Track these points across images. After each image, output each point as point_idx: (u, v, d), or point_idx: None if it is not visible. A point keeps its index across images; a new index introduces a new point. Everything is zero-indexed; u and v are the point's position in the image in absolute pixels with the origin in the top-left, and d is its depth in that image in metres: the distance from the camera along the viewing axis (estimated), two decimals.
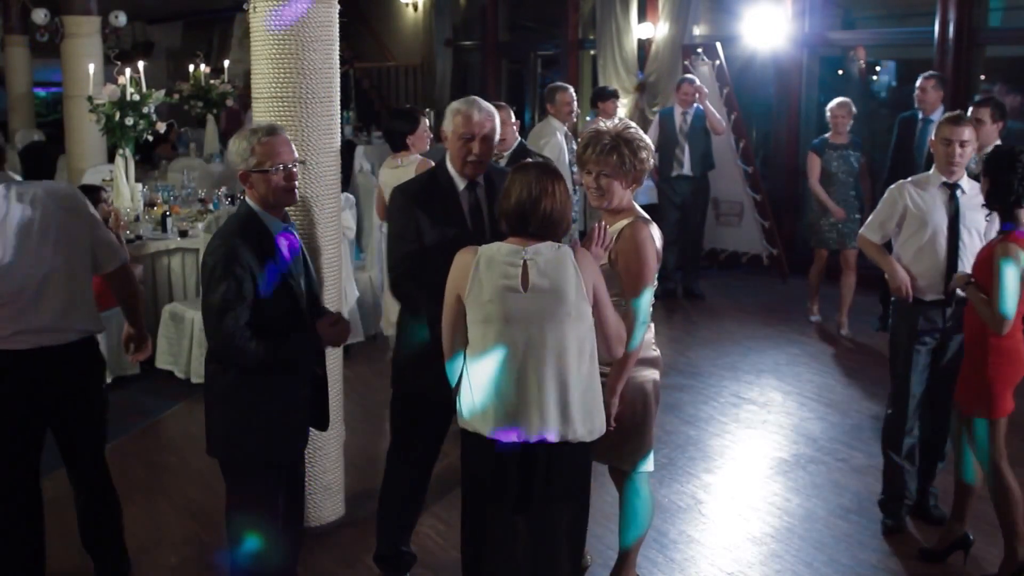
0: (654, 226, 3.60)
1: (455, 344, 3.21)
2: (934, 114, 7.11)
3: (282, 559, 3.59)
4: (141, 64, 7.58)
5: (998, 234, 3.96)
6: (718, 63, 9.53)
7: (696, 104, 8.63)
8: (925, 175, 4.50)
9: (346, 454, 4.71)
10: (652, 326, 3.66)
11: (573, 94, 7.45)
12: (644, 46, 10.92)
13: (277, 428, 3.42)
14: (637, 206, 3.64)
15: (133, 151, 7.53)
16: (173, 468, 5.30)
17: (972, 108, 5.60)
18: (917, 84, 7.26)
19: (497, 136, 3.73)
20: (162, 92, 7.88)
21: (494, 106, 3.78)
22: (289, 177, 3.36)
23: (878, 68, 10.58)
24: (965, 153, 4.31)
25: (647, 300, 3.53)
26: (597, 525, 3.79)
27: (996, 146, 4.22)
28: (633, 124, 3.61)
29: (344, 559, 4.33)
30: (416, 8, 15.44)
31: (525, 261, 3.06)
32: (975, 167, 4.66)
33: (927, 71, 7.37)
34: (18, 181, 3.72)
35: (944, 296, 4.35)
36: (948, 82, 7.70)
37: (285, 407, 3.42)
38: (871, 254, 4.58)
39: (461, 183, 3.71)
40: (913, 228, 4.39)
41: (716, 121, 8.69)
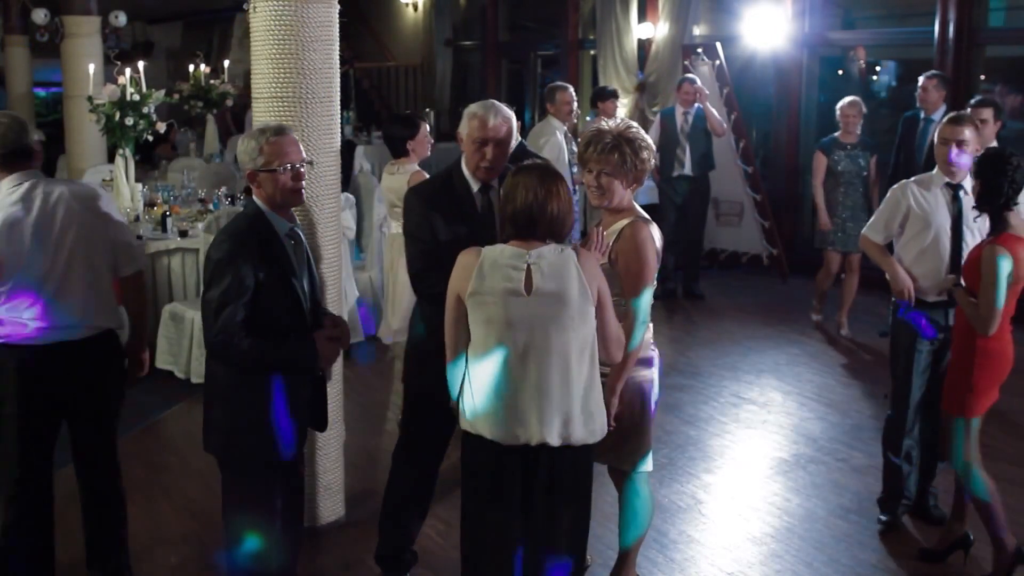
0: (654, 226, 3.60)
1: (458, 345, 3.20)
2: (935, 114, 7.10)
3: (280, 559, 3.58)
4: (141, 64, 7.56)
5: (987, 236, 3.97)
6: (718, 63, 9.53)
7: (697, 104, 8.62)
8: (928, 175, 4.49)
9: (346, 454, 4.71)
10: (651, 326, 3.66)
11: (573, 94, 7.46)
12: (644, 46, 10.93)
13: (275, 427, 3.41)
14: (637, 206, 3.64)
15: (133, 151, 7.52)
16: (173, 468, 5.30)
17: (972, 109, 5.60)
18: (919, 83, 7.24)
19: (514, 141, 3.72)
20: (162, 92, 7.87)
21: None
22: (297, 177, 3.36)
23: (878, 68, 10.57)
24: (964, 153, 4.31)
25: (647, 300, 3.53)
26: (597, 525, 3.78)
27: (987, 148, 4.22)
28: (635, 124, 3.61)
29: (344, 559, 4.33)
30: (416, 8, 15.44)
31: (529, 265, 3.05)
32: None
33: (927, 71, 7.36)
34: (46, 179, 3.74)
35: (947, 297, 4.35)
36: (950, 82, 7.70)
37: (284, 407, 3.41)
38: (873, 255, 4.57)
39: (475, 185, 3.72)
40: (916, 229, 4.38)
41: (716, 123, 8.67)
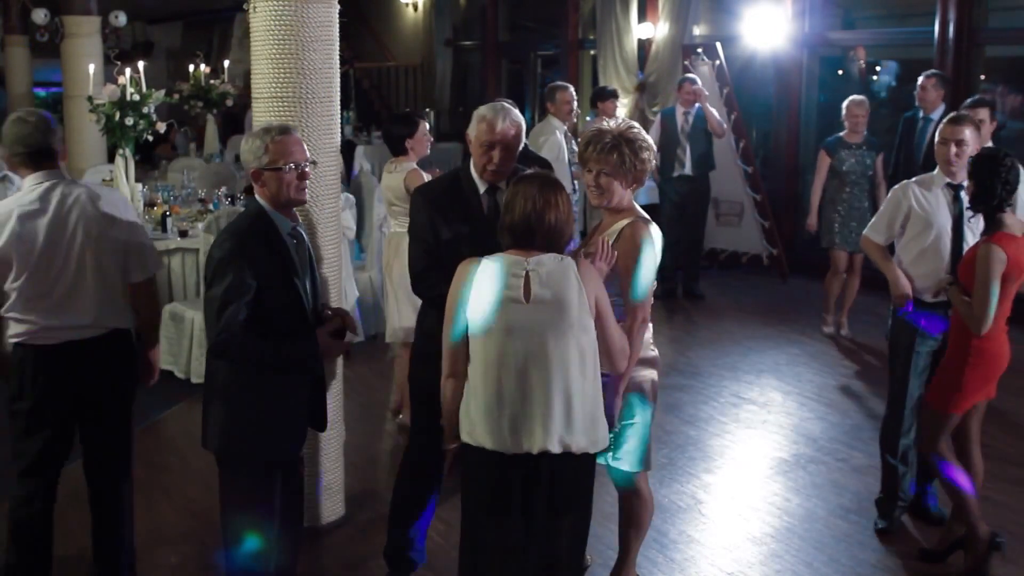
0: (654, 226, 3.59)
1: (456, 355, 3.14)
2: (934, 113, 7.10)
3: (280, 559, 3.58)
4: (141, 64, 7.56)
5: (981, 236, 3.98)
6: (718, 63, 9.53)
7: (697, 104, 8.62)
8: (929, 176, 4.48)
9: (346, 454, 4.71)
10: (651, 326, 3.66)
11: (573, 93, 7.46)
12: (644, 46, 10.93)
13: (275, 427, 3.42)
14: (637, 206, 3.63)
15: (133, 151, 7.51)
16: (173, 468, 5.30)
17: (968, 110, 5.59)
18: (918, 83, 7.24)
19: (521, 143, 3.71)
20: (162, 92, 7.86)
21: None
22: (302, 176, 3.38)
23: (878, 68, 10.57)
24: (962, 153, 4.30)
25: (647, 300, 3.53)
26: (597, 525, 3.78)
27: (981, 149, 4.22)
28: (637, 125, 3.60)
29: (344, 559, 4.33)
30: (416, 8, 15.45)
31: (527, 272, 3.05)
32: None
33: (927, 71, 7.36)
34: (67, 181, 3.74)
35: (946, 297, 4.35)
36: (949, 81, 7.70)
37: (284, 406, 3.42)
38: (874, 257, 4.56)
39: (482, 186, 3.71)
40: (917, 229, 4.38)
41: (716, 124, 8.65)
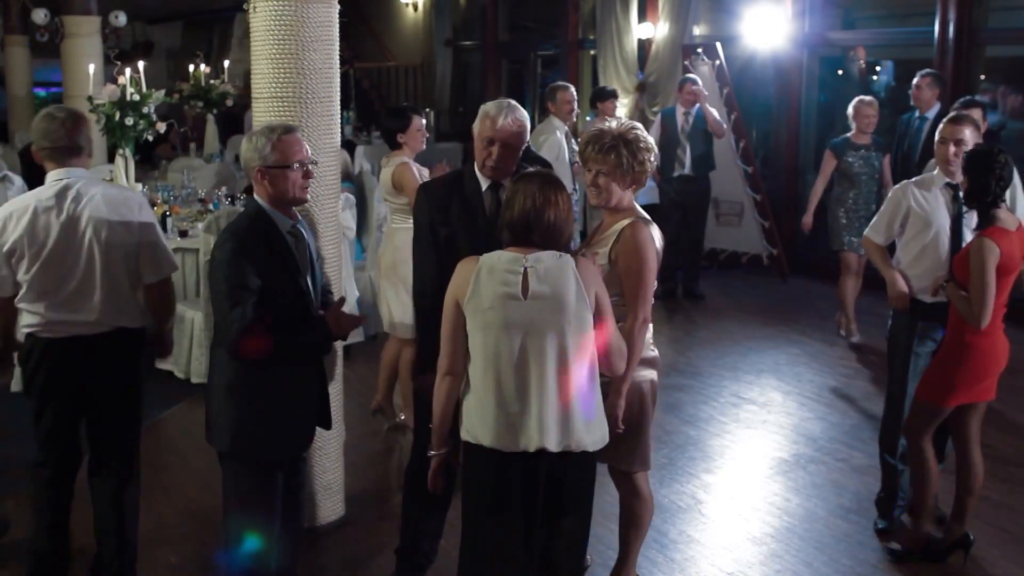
0: (654, 226, 3.59)
1: (455, 353, 3.13)
2: (930, 112, 7.10)
3: (280, 559, 3.58)
4: (141, 64, 7.57)
5: (975, 231, 3.99)
6: (718, 63, 9.53)
7: (697, 104, 8.62)
8: (929, 176, 4.48)
9: (346, 454, 4.71)
10: (651, 326, 3.66)
11: (574, 93, 7.47)
12: (644, 46, 10.93)
13: (285, 425, 3.43)
14: (638, 206, 3.63)
15: (133, 151, 7.52)
16: (173, 468, 5.30)
17: (963, 111, 5.59)
18: (913, 82, 7.24)
19: (524, 142, 3.69)
20: (162, 92, 7.87)
21: None
22: (307, 175, 3.41)
23: (878, 68, 10.57)
24: (962, 153, 4.30)
25: (647, 301, 3.53)
26: (597, 525, 3.78)
27: (975, 146, 4.22)
28: (639, 126, 3.58)
29: (344, 559, 4.33)
30: (416, 8, 15.45)
31: (526, 268, 3.04)
32: None
33: (922, 70, 7.34)
34: (88, 180, 3.75)
35: (944, 298, 4.34)
36: (947, 81, 7.70)
37: (294, 405, 3.44)
38: (874, 258, 4.56)
39: (484, 183, 3.69)
40: (916, 229, 4.38)
41: (716, 124, 8.64)
